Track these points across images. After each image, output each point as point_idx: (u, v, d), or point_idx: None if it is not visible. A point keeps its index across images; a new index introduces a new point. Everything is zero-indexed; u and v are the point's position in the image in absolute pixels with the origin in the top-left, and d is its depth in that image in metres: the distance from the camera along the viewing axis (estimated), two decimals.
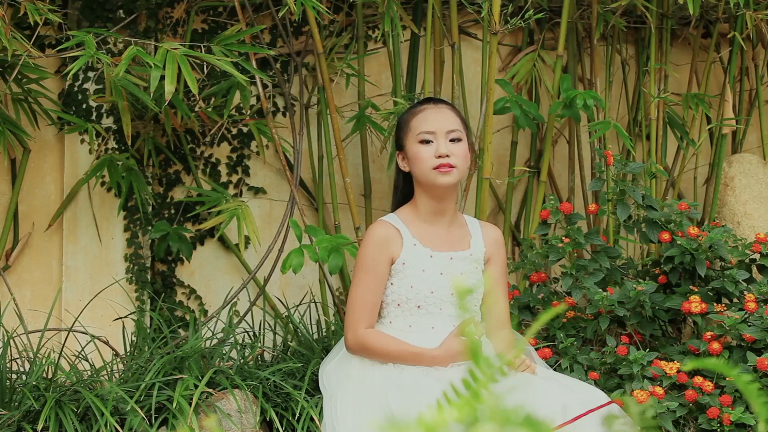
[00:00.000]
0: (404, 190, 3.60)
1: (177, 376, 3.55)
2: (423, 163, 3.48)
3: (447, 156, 3.46)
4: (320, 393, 3.54)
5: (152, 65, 3.63)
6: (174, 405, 3.43)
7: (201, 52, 3.79)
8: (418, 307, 3.45)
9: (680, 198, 4.81)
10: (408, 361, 3.39)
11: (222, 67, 3.76)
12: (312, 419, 3.53)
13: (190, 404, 3.45)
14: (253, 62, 4.27)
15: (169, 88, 3.61)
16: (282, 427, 3.52)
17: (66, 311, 4.16)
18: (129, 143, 4.18)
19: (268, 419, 3.56)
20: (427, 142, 3.48)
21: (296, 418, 3.54)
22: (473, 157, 3.61)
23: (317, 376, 3.57)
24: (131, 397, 3.44)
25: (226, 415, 3.50)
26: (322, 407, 3.46)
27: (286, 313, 4.28)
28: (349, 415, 3.33)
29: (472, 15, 4.47)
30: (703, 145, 4.88)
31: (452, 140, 3.49)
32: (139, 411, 3.39)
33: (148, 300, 4.28)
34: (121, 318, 4.14)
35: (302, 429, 3.50)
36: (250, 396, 3.59)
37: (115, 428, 3.34)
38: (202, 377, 3.57)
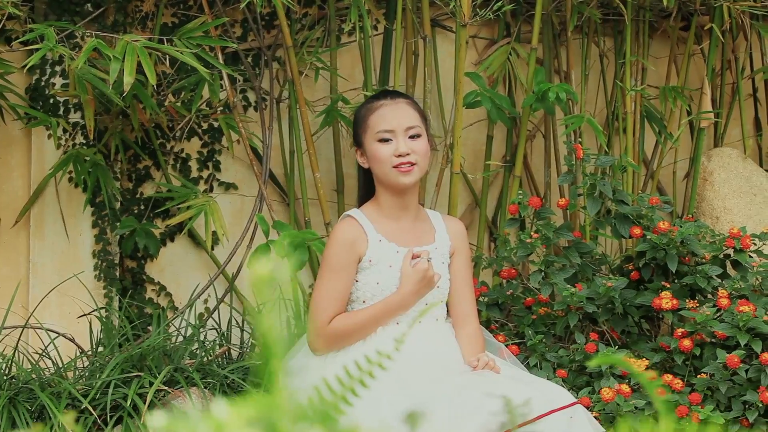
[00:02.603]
0: (366, 186, 3.54)
1: (134, 374, 3.50)
2: (383, 163, 3.41)
3: (407, 154, 3.40)
4: None
5: (112, 57, 3.59)
6: (128, 403, 3.38)
7: (166, 45, 3.74)
8: None
9: (659, 192, 4.73)
10: (384, 318, 3.35)
11: (183, 60, 3.70)
12: None
13: (145, 402, 3.40)
14: (220, 56, 4.21)
15: (128, 79, 3.56)
16: None
17: (24, 308, 4.10)
18: (92, 137, 4.13)
19: None
20: (386, 140, 3.42)
21: None
22: (433, 151, 3.55)
23: None
24: (86, 395, 3.39)
25: (182, 413, 3.44)
26: None
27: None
28: None
29: (448, 7, 4.40)
30: (685, 139, 4.80)
31: (412, 137, 3.43)
32: (92, 411, 3.34)
33: (117, 297, 4.23)
34: (85, 315, 4.09)
35: None
36: (208, 394, 3.54)
37: (67, 428, 3.29)
38: None
